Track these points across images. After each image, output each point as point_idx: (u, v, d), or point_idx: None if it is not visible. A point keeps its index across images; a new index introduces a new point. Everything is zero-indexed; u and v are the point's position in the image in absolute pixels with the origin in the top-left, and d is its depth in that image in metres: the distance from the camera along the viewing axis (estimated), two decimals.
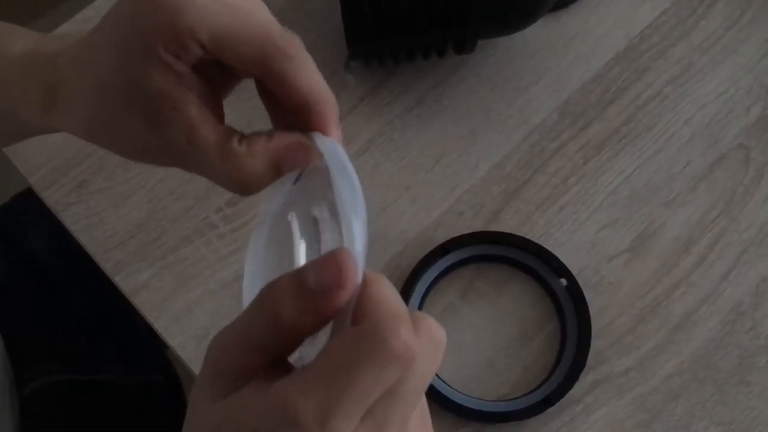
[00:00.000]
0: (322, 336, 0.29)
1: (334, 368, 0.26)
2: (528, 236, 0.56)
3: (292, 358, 0.30)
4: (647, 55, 0.62)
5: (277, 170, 0.34)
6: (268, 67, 0.32)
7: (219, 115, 0.35)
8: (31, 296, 0.71)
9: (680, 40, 0.62)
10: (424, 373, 0.27)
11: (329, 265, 0.27)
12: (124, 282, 0.56)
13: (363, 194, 0.29)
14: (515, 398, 0.53)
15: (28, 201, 0.74)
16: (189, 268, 0.56)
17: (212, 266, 0.56)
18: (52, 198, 0.57)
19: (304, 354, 0.30)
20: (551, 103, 0.61)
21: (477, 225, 0.57)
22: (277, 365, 0.29)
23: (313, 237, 0.33)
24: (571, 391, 0.53)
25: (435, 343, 0.27)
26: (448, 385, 0.53)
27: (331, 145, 0.32)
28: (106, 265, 0.56)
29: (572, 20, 0.63)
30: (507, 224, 0.57)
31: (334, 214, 0.31)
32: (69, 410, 0.67)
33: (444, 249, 0.55)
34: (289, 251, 0.34)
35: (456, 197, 0.58)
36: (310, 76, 0.33)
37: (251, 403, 0.27)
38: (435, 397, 0.52)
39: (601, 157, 0.59)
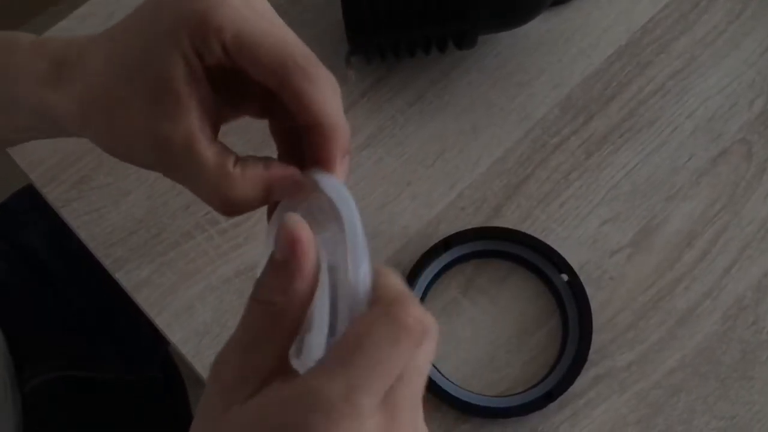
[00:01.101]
0: (317, 325, 0.30)
1: (354, 349, 0.27)
2: (529, 231, 0.56)
3: (291, 353, 0.30)
4: (649, 50, 0.62)
5: (265, 199, 0.34)
6: (284, 79, 0.32)
7: (215, 132, 0.34)
8: (31, 294, 0.71)
9: (682, 34, 0.62)
10: (428, 353, 0.29)
11: (282, 232, 0.29)
12: (124, 278, 0.56)
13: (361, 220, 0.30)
14: (517, 393, 0.53)
15: (28, 199, 0.74)
16: (190, 263, 0.56)
17: (213, 262, 0.56)
18: (52, 194, 0.57)
19: (303, 345, 0.31)
20: (553, 98, 0.60)
21: (478, 220, 0.57)
22: (283, 368, 0.30)
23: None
24: (573, 386, 0.53)
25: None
26: (450, 381, 0.53)
27: (336, 187, 0.32)
28: (107, 262, 0.56)
29: (574, 15, 0.63)
30: (508, 219, 0.57)
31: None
32: (70, 407, 0.67)
33: (445, 244, 0.55)
34: None
35: (457, 192, 0.58)
36: (326, 99, 0.32)
37: (276, 398, 0.28)
38: (436, 392, 0.52)
39: (603, 151, 0.59)
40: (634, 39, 0.62)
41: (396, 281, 0.30)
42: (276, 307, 0.29)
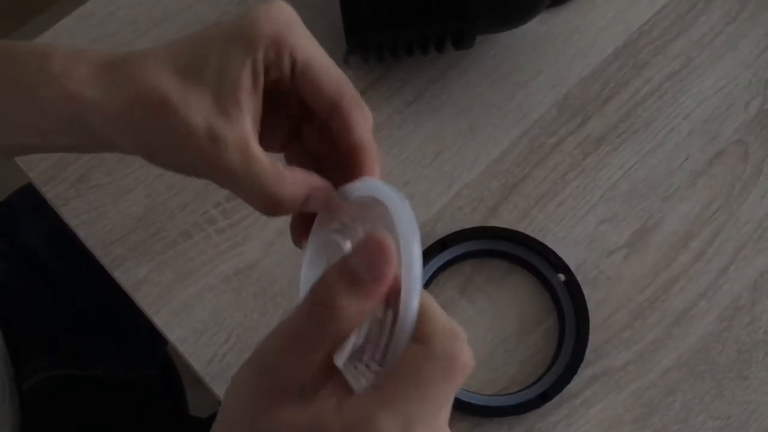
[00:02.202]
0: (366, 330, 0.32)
1: (414, 384, 0.29)
2: (527, 231, 0.56)
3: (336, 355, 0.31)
4: (646, 51, 0.62)
5: (304, 204, 0.36)
6: (339, 105, 0.36)
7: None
8: (30, 293, 0.71)
9: (679, 36, 0.62)
10: None
11: (371, 245, 0.30)
12: (123, 277, 0.56)
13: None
14: (513, 392, 0.53)
15: (27, 197, 0.74)
16: (188, 262, 0.56)
17: (211, 261, 0.56)
18: (51, 193, 0.57)
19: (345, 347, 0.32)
20: (550, 98, 0.61)
21: (476, 220, 0.57)
22: (329, 372, 0.31)
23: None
24: (570, 386, 0.53)
25: None
26: None
27: (384, 187, 0.34)
28: (106, 260, 0.56)
29: (571, 16, 0.63)
30: (506, 219, 0.57)
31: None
32: (68, 405, 0.67)
33: (443, 244, 0.56)
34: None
35: (455, 192, 0.58)
36: (367, 127, 0.36)
37: (336, 416, 0.29)
38: None
39: (600, 152, 0.59)
40: (631, 40, 0.62)
41: (444, 314, 0.31)
42: (341, 312, 0.30)
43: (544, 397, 0.52)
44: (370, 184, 0.35)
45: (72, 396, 0.68)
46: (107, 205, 0.57)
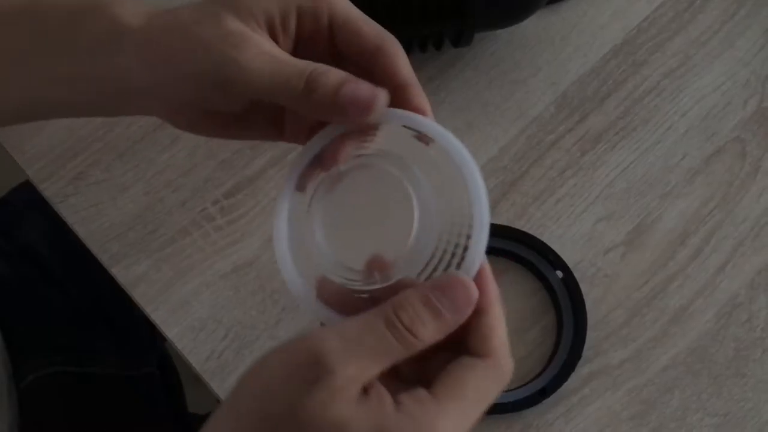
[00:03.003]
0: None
1: (473, 398, 0.32)
2: (524, 229, 0.57)
3: None
4: (644, 48, 0.62)
5: (339, 101, 0.34)
6: (383, 48, 0.36)
7: None
8: (28, 289, 0.71)
9: (677, 33, 0.62)
10: None
11: (460, 293, 0.33)
12: (121, 274, 0.56)
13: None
14: (511, 389, 0.53)
15: (26, 194, 0.74)
16: (186, 259, 0.56)
17: (209, 258, 0.56)
18: (49, 190, 0.57)
19: None
20: (548, 95, 0.61)
21: None
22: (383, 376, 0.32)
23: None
24: (567, 383, 0.53)
25: None
26: None
27: (449, 136, 0.34)
28: (103, 257, 0.56)
29: (570, 13, 0.63)
30: (503, 217, 0.58)
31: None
32: (67, 402, 0.67)
33: None
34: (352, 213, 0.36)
35: None
36: (410, 67, 0.37)
37: (394, 419, 0.30)
38: None
39: (598, 149, 0.59)
40: (629, 38, 0.62)
41: (504, 328, 0.34)
42: (418, 341, 0.32)
43: (542, 394, 0.53)
44: (422, 119, 0.35)
45: (70, 393, 0.68)
46: (105, 202, 0.57)
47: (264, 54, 0.34)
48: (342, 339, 0.31)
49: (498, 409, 0.52)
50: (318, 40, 0.37)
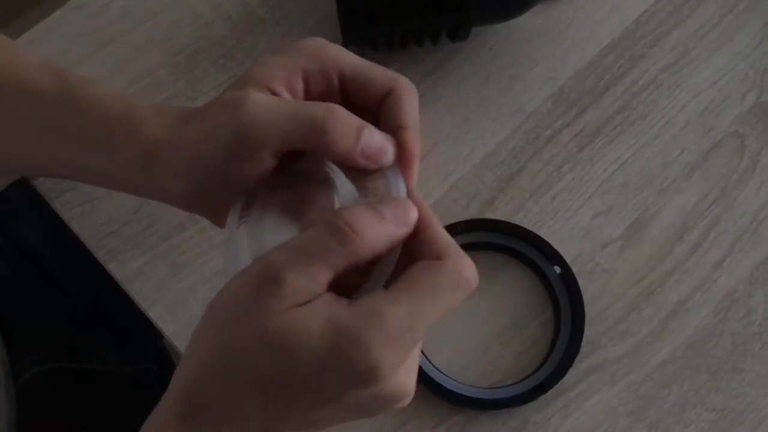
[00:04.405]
0: None
1: (422, 288, 0.33)
2: (522, 224, 0.56)
3: None
4: (642, 43, 0.62)
5: (356, 142, 0.37)
6: (395, 90, 0.39)
7: None
8: (25, 285, 0.71)
9: (676, 28, 0.62)
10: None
11: (398, 204, 0.35)
12: (117, 270, 0.56)
13: None
14: (509, 385, 0.53)
15: (22, 190, 0.74)
16: (182, 255, 0.56)
17: (206, 254, 0.56)
18: (45, 185, 0.57)
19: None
20: (546, 90, 0.60)
21: (471, 213, 0.57)
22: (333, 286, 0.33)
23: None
24: (565, 378, 0.53)
25: None
26: (442, 373, 0.53)
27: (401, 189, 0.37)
28: (99, 253, 0.56)
29: (567, 7, 0.63)
30: (501, 212, 0.57)
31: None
32: (64, 399, 0.67)
33: None
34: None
35: (450, 185, 0.58)
36: (416, 112, 0.39)
37: (344, 313, 0.32)
38: (429, 384, 0.52)
39: (596, 144, 0.59)
40: (627, 32, 0.62)
41: (451, 238, 0.35)
42: (364, 236, 0.33)
43: (540, 390, 0.52)
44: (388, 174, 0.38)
45: (68, 390, 0.68)
46: (101, 197, 0.57)
47: (268, 99, 0.37)
48: (288, 251, 0.33)
49: (495, 404, 0.52)
50: (329, 99, 0.38)
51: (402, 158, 0.38)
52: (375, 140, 0.37)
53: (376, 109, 0.39)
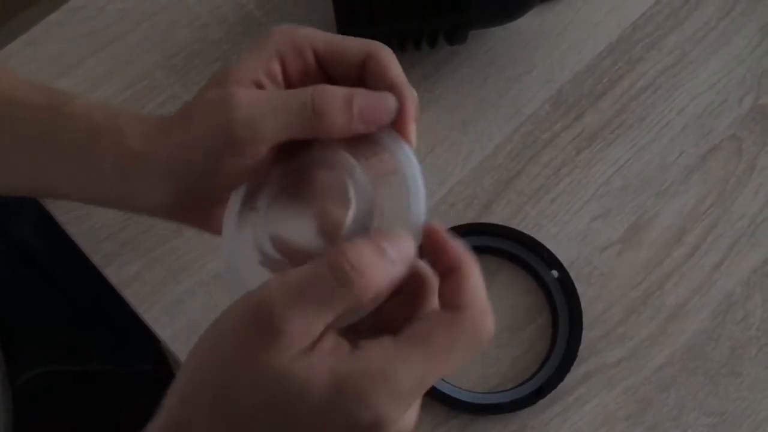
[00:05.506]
0: None
1: (437, 349, 0.31)
2: (520, 227, 0.56)
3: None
4: (640, 46, 0.62)
5: (349, 113, 0.36)
6: (373, 53, 0.38)
7: None
8: (22, 286, 0.71)
9: (673, 31, 0.62)
10: None
11: (402, 239, 0.32)
12: (113, 274, 0.55)
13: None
14: (506, 389, 0.53)
15: None
16: (179, 259, 0.56)
17: (202, 257, 0.56)
18: None
19: None
20: (544, 93, 0.60)
21: (469, 216, 0.57)
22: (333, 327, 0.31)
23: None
24: (563, 382, 0.53)
25: None
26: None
27: (404, 148, 0.36)
28: (96, 257, 0.56)
29: (565, 10, 0.62)
30: (499, 215, 0.57)
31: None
32: (62, 400, 0.67)
33: None
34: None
35: (447, 188, 0.58)
36: (400, 70, 0.38)
37: (350, 367, 0.30)
38: None
39: (594, 147, 0.59)
40: (625, 35, 0.62)
41: (481, 284, 0.33)
42: (369, 279, 0.30)
43: (538, 394, 0.52)
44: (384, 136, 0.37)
45: (65, 391, 0.67)
46: None
47: (256, 94, 0.36)
48: (286, 292, 0.30)
49: (494, 409, 0.52)
50: (308, 78, 0.38)
51: (398, 119, 0.37)
52: (369, 100, 0.36)
53: (357, 79, 0.38)
